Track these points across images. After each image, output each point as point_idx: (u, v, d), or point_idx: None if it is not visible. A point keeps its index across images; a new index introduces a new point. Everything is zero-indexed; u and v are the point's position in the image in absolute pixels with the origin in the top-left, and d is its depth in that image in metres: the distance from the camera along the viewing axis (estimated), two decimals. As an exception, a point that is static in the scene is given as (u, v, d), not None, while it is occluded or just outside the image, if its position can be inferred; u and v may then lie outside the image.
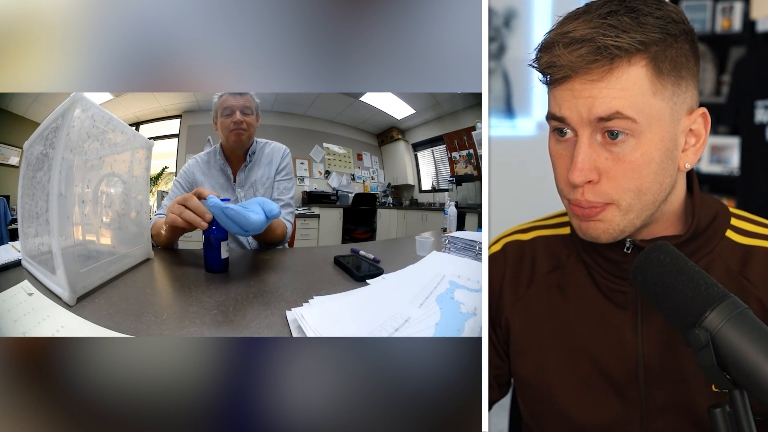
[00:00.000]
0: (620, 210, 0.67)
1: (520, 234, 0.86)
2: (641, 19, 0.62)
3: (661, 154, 0.65)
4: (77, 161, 0.85)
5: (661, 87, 0.64)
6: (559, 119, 0.66)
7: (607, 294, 0.75)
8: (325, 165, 2.41)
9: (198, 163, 1.49)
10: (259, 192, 1.49)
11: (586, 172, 0.65)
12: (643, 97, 0.63)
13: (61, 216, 0.80)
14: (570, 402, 0.76)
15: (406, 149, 2.41)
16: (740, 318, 0.53)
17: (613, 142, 0.64)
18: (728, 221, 0.74)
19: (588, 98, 0.63)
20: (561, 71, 0.64)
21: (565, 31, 0.63)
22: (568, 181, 0.67)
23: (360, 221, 2.92)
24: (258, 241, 1.42)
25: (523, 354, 0.81)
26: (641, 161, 0.65)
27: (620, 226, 0.68)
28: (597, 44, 0.61)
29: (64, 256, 0.80)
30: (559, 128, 0.68)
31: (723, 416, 0.53)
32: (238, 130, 1.41)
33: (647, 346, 0.73)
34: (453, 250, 1.19)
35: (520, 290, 0.82)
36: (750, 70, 2.27)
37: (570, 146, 0.67)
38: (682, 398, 0.71)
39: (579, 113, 0.64)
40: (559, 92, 0.66)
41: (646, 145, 0.64)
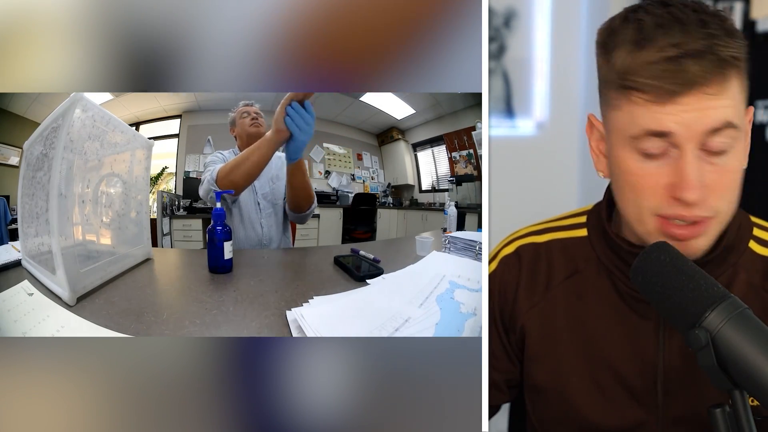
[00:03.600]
0: (719, 222, 0.65)
1: (535, 236, 0.83)
2: (728, 25, 0.62)
3: (746, 159, 0.65)
4: (77, 161, 0.85)
5: (744, 90, 0.64)
6: (661, 135, 0.63)
7: (629, 302, 0.73)
8: (325, 165, 2.41)
9: (225, 157, 1.61)
10: (276, 184, 1.64)
11: (699, 189, 0.62)
12: (741, 105, 0.63)
13: (61, 216, 0.80)
14: (585, 408, 0.75)
15: (406, 149, 2.42)
16: (740, 318, 0.53)
17: (715, 154, 0.63)
18: (751, 231, 0.73)
19: (700, 111, 0.61)
20: (680, 87, 0.61)
21: (679, 44, 0.60)
22: (668, 199, 0.64)
23: (360, 221, 2.92)
24: (292, 194, 1.48)
25: (538, 360, 0.79)
26: (738, 170, 0.64)
27: (714, 239, 0.67)
28: (719, 56, 0.60)
29: (64, 256, 0.80)
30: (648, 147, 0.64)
31: (723, 416, 0.53)
32: (257, 122, 1.63)
33: (669, 357, 0.71)
34: (453, 250, 1.19)
35: (536, 296, 0.79)
36: (750, 70, 2.27)
37: (665, 164, 0.64)
38: (699, 408, 0.70)
39: (688, 127, 0.61)
40: (664, 107, 0.62)
41: (741, 154, 0.64)
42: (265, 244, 1.61)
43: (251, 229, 1.60)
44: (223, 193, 1.25)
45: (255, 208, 1.62)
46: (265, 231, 1.61)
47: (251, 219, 1.60)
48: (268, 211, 1.63)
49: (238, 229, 1.58)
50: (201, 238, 2.20)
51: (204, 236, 1.49)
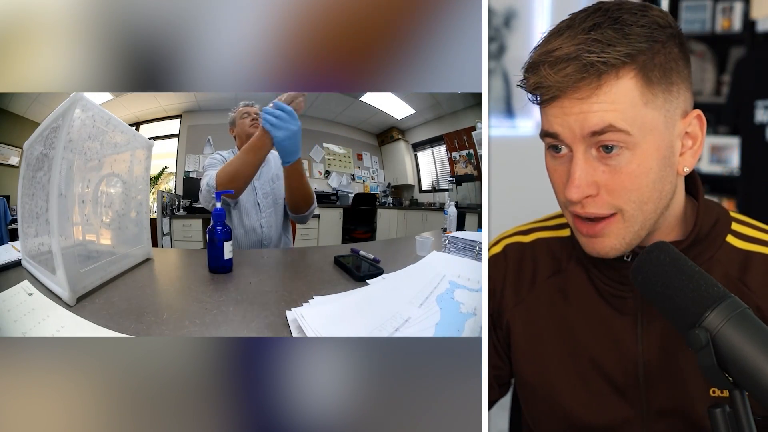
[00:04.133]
0: (624, 221, 0.66)
1: (521, 236, 0.85)
2: (626, 29, 0.61)
3: (659, 163, 0.65)
4: (77, 161, 0.85)
5: (652, 96, 0.63)
6: (552, 136, 0.66)
7: (608, 299, 0.75)
8: (325, 165, 2.41)
9: (224, 158, 1.60)
10: (277, 184, 1.61)
11: (584, 188, 0.65)
12: (635, 109, 0.62)
13: (61, 216, 0.80)
14: (571, 403, 0.77)
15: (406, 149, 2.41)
16: (740, 318, 0.53)
17: (608, 155, 0.64)
18: (729, 226, 0.74)
19: (579, 114, 0.63)
20: (549, 91, 0.63)
21: (549, 50, 0.62)
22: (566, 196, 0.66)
23: (360, 221, 2.92)
24: (290, 196, 1.49)
25: (524, 356, 0.81)
26: (639, 172, 0.64)
27: (626, 239, 0.67)
28: (583, 61, 0.61)
29: (64, 256, 0.80)
30: (553, 145, 0.67)
31: (723, 416, 0.53)
32: (256, 123, 1.55)
33: (648, 350, 0.73)
34: (453, 250, 1.19)
35: (521, 293, 0.82)
36: (750, 70, 2.27)
37: (566, 162, 0.67)
38: (682, 401, 0.71)
39: (571, 129, 0.64)
40: (550, 110, 0.65)
41: (642, 156, 0.64)
42: (265, 244, 1.60)
43: (251, 229, 1.59)
44: (223, 194, 1.25)
45: (255, 208, 1.62)
46: (265, 231, 1.61)
47: (251, 219, 1.60)
48: (268, 211, 1.63)
49: (238, 229, 1.58)
50: (201, 238, 2.19)
51: (204, 236, 1.49)
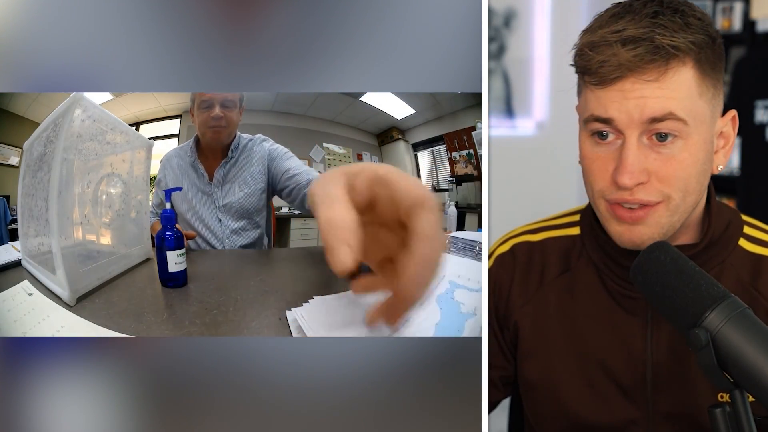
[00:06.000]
0: (668, 210, 0.66)
1: (530, 235, 0.84)
2: (687, 19, 0.62)
3: (704, 155, 0.65)
4: (77, 161, 0.85)
5: (705, 89, 0.63)
6: (604, 121, 0.65)
7: (618, 299, 0.74)
8: (325, 165, 2.41)
9: (179, 155, 1.34)
10: (243, 191, 1.31)
11: (637, 174, 0.63)
12: (691, 99, 0.63)
13: (61, 216, 0.80)
14: (576, 404, 0.76)
15: (406, 149, 2.41)
16: (740, 318, 0.53)
17: (661, 143, 0.63)
18: (741, 229, 0.73)
19: (640, 99, 0.62)
20: (616, 71, 0.62)
21: (617, 30, 0.62)
22: (612, 183, 0.65)
23: (360, 221, 2.90)
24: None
25: (531, 356, 0.80)
26: (689, 162, 0.64)
27: (663, 229, 0.67)
28: (655, 43, 0.60)
29: (64, 256, 0.80)
30: (599, 131, 0.66)
31: (723, 416, 0.53)
32: (217, 127, 1.24)
33: (656, 353, 0.72)
34: (453, 250, 1.19)
35: (529, 293, 0.81)
36: (750, 70, 2.27)
37: (611, 149, 0.66)
38: (689, 405, 0.71)
39: (629, 114, 0.63)
40: (606, 93, 0.64)
41: (694, 147, 0.64)
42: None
43: (205, 243, 1.28)
44: (173, 191, 1.00)
45: (217, 225, 1.27)
46: (227, 244, 1.29)
47: (210, 241, 1.27)
48: (235, 227, 1.29)
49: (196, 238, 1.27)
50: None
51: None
